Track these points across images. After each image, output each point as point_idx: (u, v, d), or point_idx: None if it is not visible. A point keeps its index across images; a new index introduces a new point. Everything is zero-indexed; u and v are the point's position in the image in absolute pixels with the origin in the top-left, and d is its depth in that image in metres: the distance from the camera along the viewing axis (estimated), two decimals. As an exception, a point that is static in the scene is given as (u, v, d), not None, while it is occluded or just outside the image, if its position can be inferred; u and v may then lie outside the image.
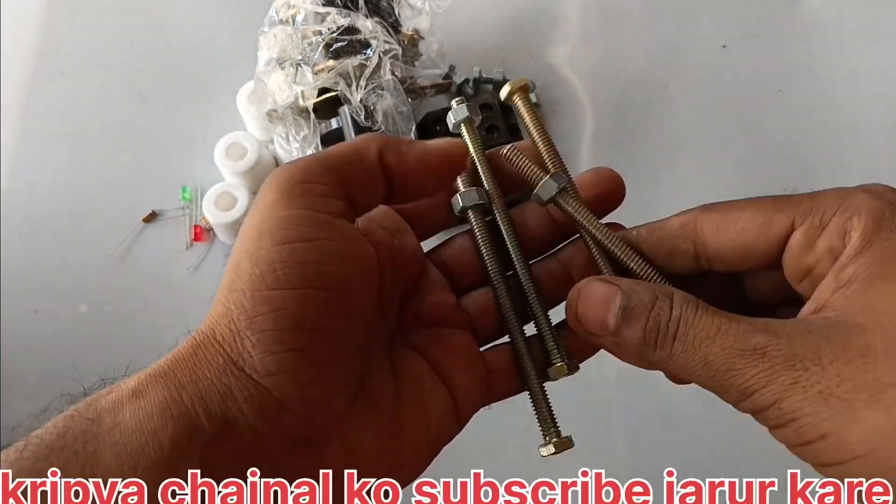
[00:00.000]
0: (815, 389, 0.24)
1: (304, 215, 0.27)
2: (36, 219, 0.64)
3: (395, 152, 0.30)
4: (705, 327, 0.26)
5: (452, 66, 0.65)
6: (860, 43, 0.69)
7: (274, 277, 0.26)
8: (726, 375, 0.25)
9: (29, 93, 0.69)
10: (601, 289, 0.28)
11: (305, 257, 0.26)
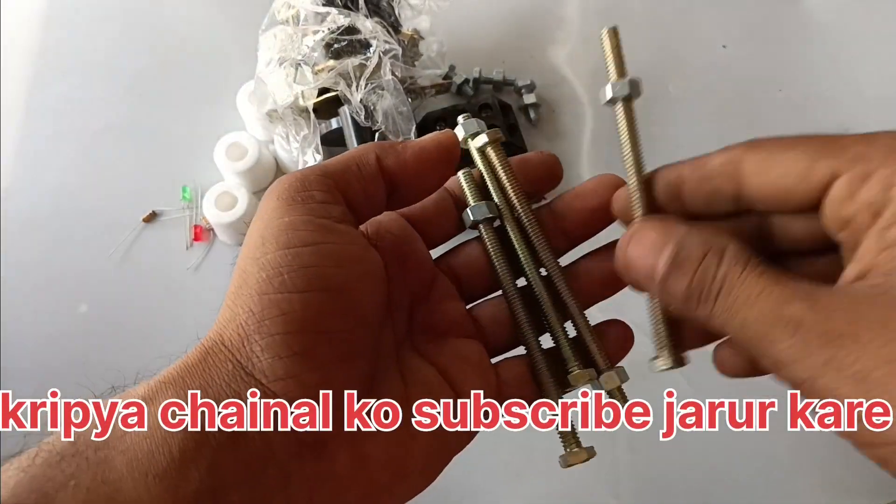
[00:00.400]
0: (852, 369, 0.22)
1: (305, 220, 0.27)
2: (36, 218, 0.64)
3: (392, 154, 0.30)
4: (747, 289, 0.25)
5: (452, 66, 0.65)
6: (860, 43, 0.69)
7: (280, 281, 0.26)
8: (762, 343, 0.25)
9: (29, 93, 0.69)
10: (654, 234, 0.28)
11: (309, 261, 0.26)
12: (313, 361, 0.26)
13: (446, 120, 0.62)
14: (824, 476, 0.54)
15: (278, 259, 0.26)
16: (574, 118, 0.67)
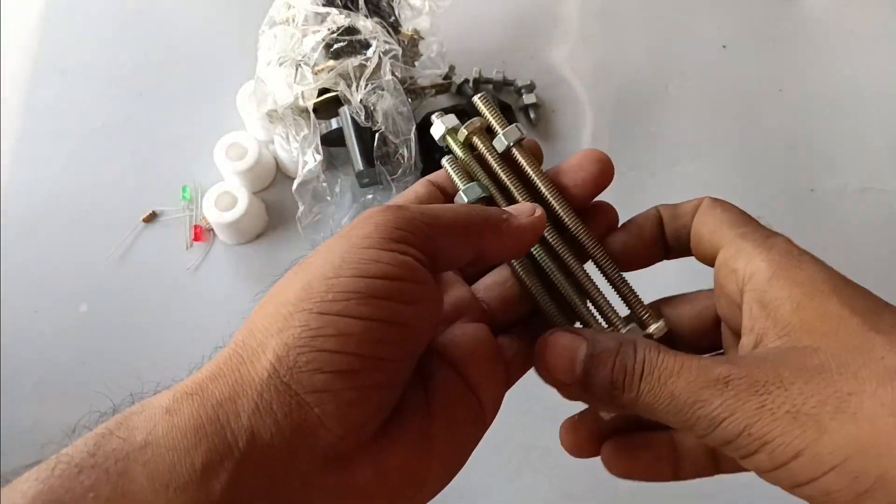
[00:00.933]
0: (783, 410, 0.25)
1: (391, 256, 0.27)
2: (36, 218, 0.64)
3: (493, 233, 0.31)
4: (668, 365, 0.27)
5: (452, 66, 0.65)
6: (860, 43, 0.69)
7: (346, 306, 0.26)
8: (693, 408, 0.26)
9: (29, 92, 0.69)
10: (567, 338, 0.30)
11: (382, 293, 0.26)
12: (355, 381, 0.26)
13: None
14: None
15: (351, 285, 0.26)
16: (574, 118, 0.67)
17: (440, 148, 0.33)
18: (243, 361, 0.26)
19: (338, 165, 0.63)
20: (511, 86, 0.67)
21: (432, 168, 0.61)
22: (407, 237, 0.28)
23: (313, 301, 0.26)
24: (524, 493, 0.54)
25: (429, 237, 0.29)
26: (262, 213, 0.63)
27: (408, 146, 0.54)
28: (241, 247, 0.62)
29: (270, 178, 0.65)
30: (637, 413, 0.28)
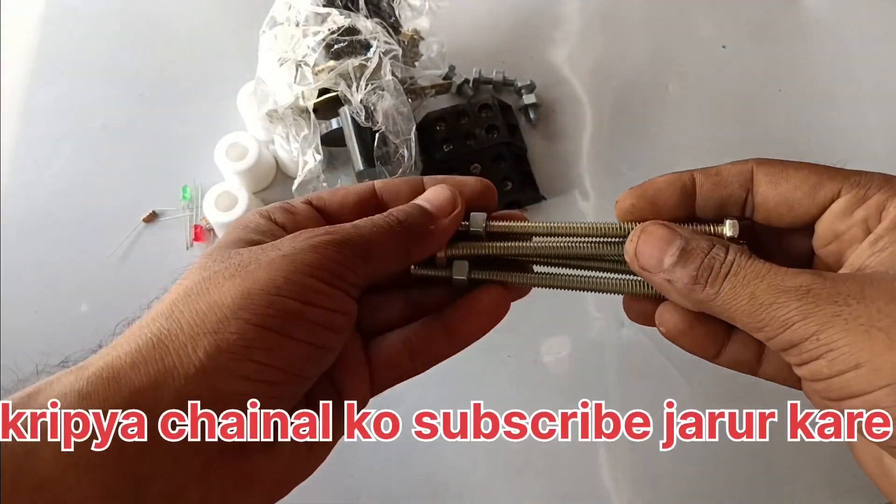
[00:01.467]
0: (858, 322, 0.25)
1: (331, 291, 0.30)
2: (36, 219, 0.64)
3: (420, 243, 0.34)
4: (756, 268, 0.28)
5: (452, 66, 0.65)
6: (860, 43, 0.69)
7: (283, 326, 0.28)
8: (770, 308, 0.27)
9: (29, 93, 0.69)
10: (663, 231, 0.31)
11: (319, 320, 0.29)
12: (274, 391, 0.29)
13: (446, 120, 0.62)
14: (824, 476, 0.54)
15: (291, 308, 0.28)
16: (574, 118, 0.67)
17: (440, 148, 0.34)
18: (168, 353, 0.27)
19: (338, 166, 0.63)
20: (511, 86, 0.67)
21: (432, 168, 0.61)
22: (347, 275, 0.30)
23: (252, 312, 0.27)
24: (524, 493, 0.54)
25: (365, 271, 0.31)
26: (263, 214, 0.63)
27: (408, 146, 0.54)
28: (242, 247, 0.62)
29: (270, 178, 0.65)
30: (710, 311, 0.30)
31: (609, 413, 0.54)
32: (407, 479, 0.54)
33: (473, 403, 0.54)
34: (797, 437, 0.50)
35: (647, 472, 0.54)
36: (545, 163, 0.65)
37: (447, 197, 0.35)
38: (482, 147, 0.61)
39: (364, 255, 0.31)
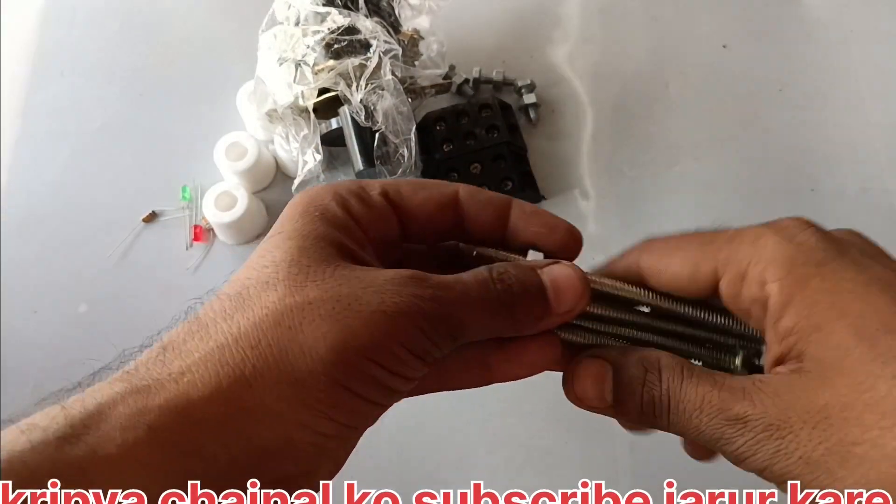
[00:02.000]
0: (796, 456, 0.26)
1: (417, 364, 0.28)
2: (36, 218, 0.64)
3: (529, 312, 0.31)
4: (691, 399, 0.28)
5: (452, 66, 0.65)
6: (860, 42, 0.69)
7: (366, 391, 0.27)
8: (719, 443, 0.28)
9: (28, 93, 0.69)
10: (593, 367, 0.30)
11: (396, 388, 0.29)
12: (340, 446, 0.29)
13: (446, 120, 0.62)
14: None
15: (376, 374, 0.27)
16: (574, 118, 0.67)
17: (440, 147, 0.33)
18: (251, 392, 0.25)
19: (338, 166, 0.63)
20: (511, 86, 0.67)
21: (433, 168, 0.61)
22: (438, 351, 0.28)
23: (344, 374, 0.26)
24: (525, 491, 0.54)
25: (454, 343, 0.29)
26: (262, 213, 0.63)
27: (408, 146, 0.54)
28: (241, 247, 0.62)
29: (270, 177, 0.65)
30: (674, 433, 0.30)
31: (609, 493, 0.54)
32: (406, 479, 0.54)
33: (473, 483, 0.54)
34: None
35: (646, 472, 0.54)
36: (545, 162, 0.65)
37: (577, 288, 0.30)
38: (482, 147, 0.61)
39: (459, 336, 0.29)
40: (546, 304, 0.30)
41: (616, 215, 0.63)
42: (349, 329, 0.26)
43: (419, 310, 0.27)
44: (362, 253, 0.30)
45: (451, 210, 0.32)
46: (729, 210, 0.62)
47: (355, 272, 0.28)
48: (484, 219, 0.32)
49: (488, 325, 0.29)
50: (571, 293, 0.30)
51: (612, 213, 0.63)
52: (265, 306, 0.26)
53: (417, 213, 0.32)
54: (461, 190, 0.32)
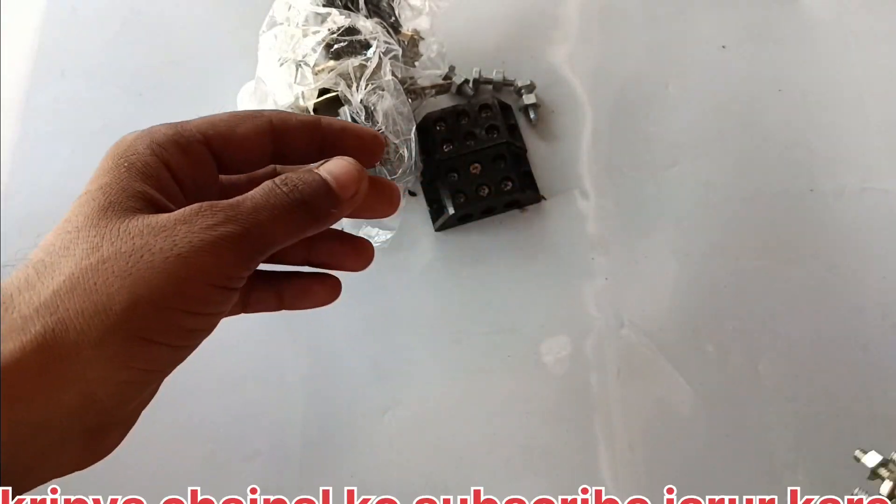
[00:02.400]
0: None
1: (222, 297, 0.31)
2: (36, 219, 0.64)
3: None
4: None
5: (452, 66, 0.65)
6: (860, 43, 0.69)
7: (167, 338, 0.29)
8: None
9: (29, 93, 0.69)
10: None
11: (200, 329, 0.31)
12: (144, 389, 0.30)
13: (446, 120, 0.62)
14: (823, 476, 0.54)
15: (179, 321, 0.29)
16: (574, 118, 0.67)
17: (440, 148, 0.33)
18: (54, 358, 0.27)
19: (338, 165, 0.63)
20: (511, 86, 0.67)
21: (433, 168, 0.61)
22: (242, 274, 0.30)
23: (138, 325, 0.28)
24: (524, 493, 0.54)
25: (259, 261, 0.31)
26: (263, 214, 0.63)
27: (408, 146, 0.54)
28: (242, 247, 0.62)
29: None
30: None
31: (609, 499, 0.54)
32: (405, 480, 0.54)
33: (473, 490, 0.54)
34: None
35: (646, 471, 0.54)
36: (545, 162, 0.65)
37: (353, 175, 0.34)
38: (482, 147, 0.61)
39: (263, 247, 0.30)
40: (333, 194, 0.33)
41: (615, 215, 0.63)
42: (142, 281, 0.27)
43: (215, 239, 0.29)
44: (166, 201, 0.31)
45: (268, 138, 0.34)
46: (728, 210, 0.63)
47: (149, 220, 0.29)
48: (299, 141, 0.35)
49: (288, 227, 0.31)
50: (350, 178, 0.33)
51: (611, 213, 0.63)
52: (63, 272, 0.28)
53: (237, 146, 0.34)
54: (273, 117, 0.34)
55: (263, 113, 0.35)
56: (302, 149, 0.35)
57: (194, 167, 0.33)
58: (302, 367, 0.57)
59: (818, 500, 0.26)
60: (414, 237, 0.62)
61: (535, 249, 0.61)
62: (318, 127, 0.36)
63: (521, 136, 0.65)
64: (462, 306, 0.60)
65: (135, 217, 0.30)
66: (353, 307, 0.60)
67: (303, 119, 0.35)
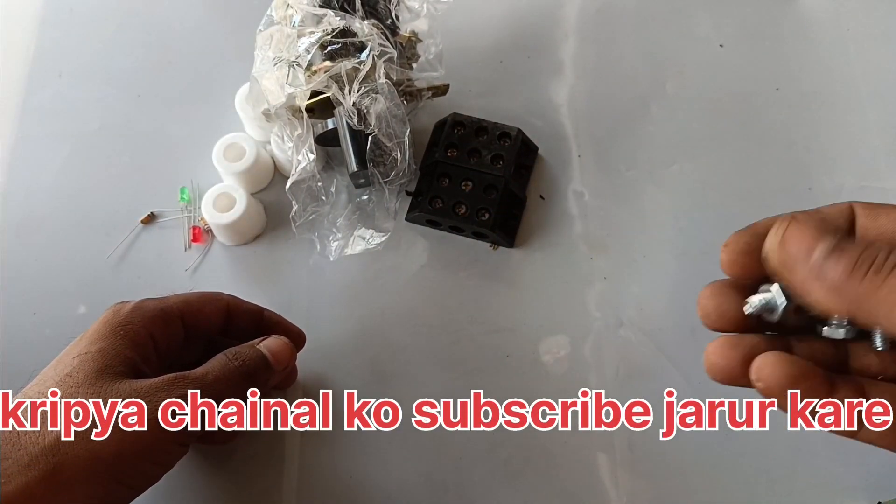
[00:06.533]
0: None
1: (178, 451, 0.44)
2: (34, 220, 0.64)
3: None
4: None
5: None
6: (858, 42, 0.69)
7: (134, 483, 0.42)
8: None
9: (26, 94, 0.69)
10: (814, 226, 0.28)
11: (158, 474, 0.43)
12: None
13: (465, 127, 0.61)
14: (822, 475, 0.54)
15: (141, 469, 0.41)
16: (571, 118, 0.67)
17: (445, 151, 0.33)
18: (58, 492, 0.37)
19: (334, 166, 0.63)
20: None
21: (431, 164, 0.61)
22: (193, 438, 0.44)
23: (119, 477, 0.39)
24: (524, 493, 0.54)
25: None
26: (261, 214, 0.63)
27: (401, 149, 0.54)
28: (240, 248, 0.62)
29: (268, 178, 0.65)
30: (862, 307, 0.27)
31: (609, 402, 0.54)
32: (405, 480, 0.54)
33: (473, 392, 0.54)
34: (797, 427, 0.50)
35: (646, 471, 0.54)
36: (547, 166, 0.65)
37: (286, 352, 0.47)
38: (480, 170, 0.60)
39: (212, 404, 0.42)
40: (270, 367, 0.46)
41: (613, 214, 0.63)
42: (127, 440, 0.38)
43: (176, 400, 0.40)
44: (145, 367, 0.42)
45: (224, 316, 0.49)
46: (726, 209, 0.63)
47: (135, 385, 0.40)
48: (244, 322, 0.50)
49: (235, 393, 0.43)
50: (283, 355, 0.47)
51: (608, 213, 0.63)
52: None
53: (203, 321, 0.47)
54: (229, 302, 0.49)
55: (223, 297, 0.49)
56: (245, 328, 0.50)
57: (170, 336, 0.45)
58: (301, 366, 0.57)
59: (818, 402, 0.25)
60: (410, 238, 0.62)
61: (532, 249, 0.61)
62: (260, 315, 0.51)
63: (527, 183, 0.63)
64: (460, 306, 0.60)
65: (123, 381, 0.40)
66: (351, 308, 0.60)
67: (250, 308, 0.50)
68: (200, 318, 0.47)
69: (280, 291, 0.60)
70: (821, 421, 0.27)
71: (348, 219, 0.59)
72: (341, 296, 0.60)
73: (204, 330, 0.48)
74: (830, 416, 0.26)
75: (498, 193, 0.59)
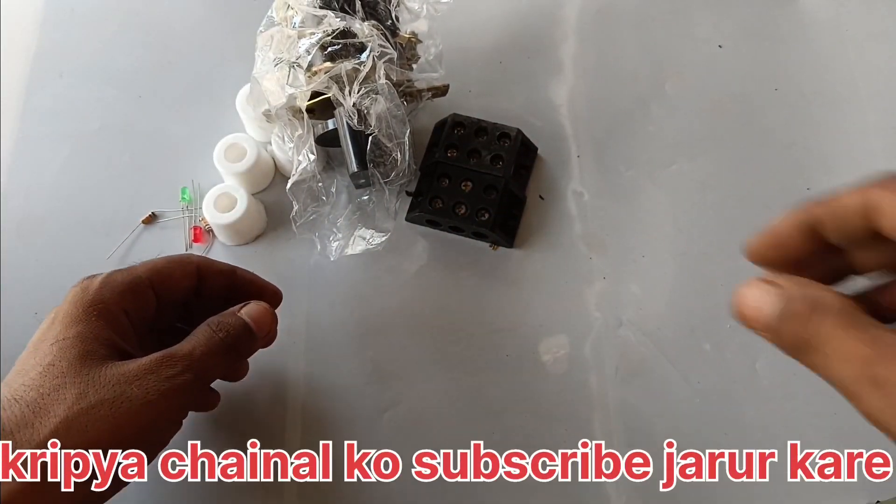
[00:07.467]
0: None
1: (175, 427, 0.44)
2: (35, 221, 0.64)
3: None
4: (844, 348, 0.28)
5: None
6: (857, 42, 0.69)
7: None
8: (852, 397, 0.28)
9: (27, 94, 0.69)
10: (758, 291, 0.31)
11: (159, 447, 0.43)
12: None
13: (465, 127, 0.61)
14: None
15: (141, 447, 0.40)
16: (570, 118, 0.67)
17: (445, 151, 0.33)
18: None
19: (335, 166, 0.63)
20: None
21: (431, 163, 0.61)
22: (195, 405, 0.46)
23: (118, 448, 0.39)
24: (524, 493, 0.54)
25: (206, 385, 0.45)
26: (262, 214, 0.63)
27: (401, 150, 0.54)
28: (241, 248, 0.63)
29: (269, 179, 0.65)
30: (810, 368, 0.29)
31: (609, 453, 0.54)
32: (404, 479, 0.54)
33: (473, 444, 0.54)
34: (797, 478, 0.50)
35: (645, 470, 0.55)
36: (543, 165, 0.65)
37: (268, 317, 0.46)
38: (479, 170, 0.60)
39: (207, 385, 0.44)
40: (252, 334, 0.45)
41: (612, 215, 0.63)
42: (123, 426, 0.37)
43: (177, 387, 0.39)
44: (124, 345, 0.42)
45: (195, 279, 0.47)
46: (726, 209, 0.63)
47: (122, 369, 0.39)
48: (217, 283, 0.48)
49: (224, 366, 0.43)
50: (264, 320, 0.45)
51: (608, 213, 0.63)
52: (57, 415, 0.37)
53: (174, 286, 0.46)
54: (200, 263, 0.48)
55: (192, 259, 0.48)
56: (218, 290, 0.48)
57: (143, 306, 0.45)
58: (301, 367, 0.57)
59: (818, 453, 0.27)
60: (410, 238, 0.62)
61: (532, 249, 0.62)
62: (233, 273, 0.49)
63: (527, 184, 0.63)
64: (460, 306, 0.60)
65: (108, 365, 0.39)
66: (351, 308, 0.60)
67: (221, 268, 0.49)
68: (171, 284, 0.46)
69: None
70: (821, 472, 0.28)
71: (349, 219, 0.59)
72: (342, 295, 0.60)
73: (176, 295, 0.46)
74: (830, 466, 0.27)
75: (498, 193, 0.59)
